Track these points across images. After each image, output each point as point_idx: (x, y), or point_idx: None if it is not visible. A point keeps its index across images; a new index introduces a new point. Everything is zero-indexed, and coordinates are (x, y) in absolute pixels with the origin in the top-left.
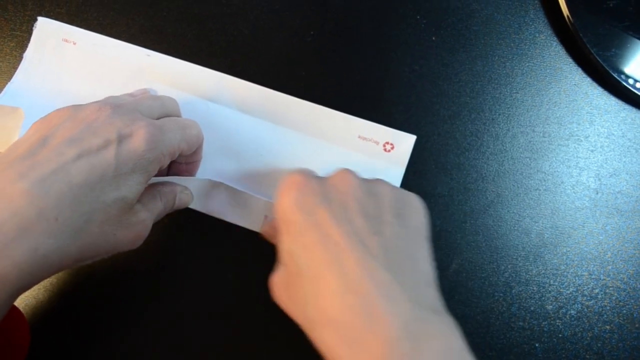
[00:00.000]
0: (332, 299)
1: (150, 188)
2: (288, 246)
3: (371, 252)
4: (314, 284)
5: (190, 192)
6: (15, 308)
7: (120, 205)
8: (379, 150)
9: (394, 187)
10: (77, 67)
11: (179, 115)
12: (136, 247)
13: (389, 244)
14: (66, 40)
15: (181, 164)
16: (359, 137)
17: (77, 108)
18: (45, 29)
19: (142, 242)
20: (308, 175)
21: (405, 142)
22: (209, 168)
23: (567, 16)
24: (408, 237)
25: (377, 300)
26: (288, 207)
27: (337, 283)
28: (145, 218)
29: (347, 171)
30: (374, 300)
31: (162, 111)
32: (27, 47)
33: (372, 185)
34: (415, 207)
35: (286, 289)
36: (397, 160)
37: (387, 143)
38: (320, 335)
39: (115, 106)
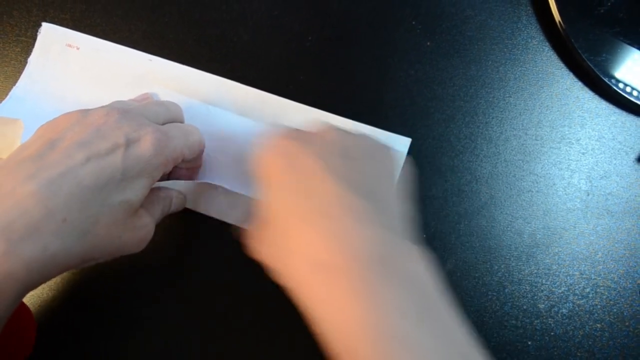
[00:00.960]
0: (305, 226)
1: (150, 193)
2: (271, 195)
3: (346, 184)
4: (288, 218)
5: (184, 196)
6: (22, 304)
7: (126, 208)
8: None
9: (373, 140)
10: (80, 72)
11: (182, 121)
12: (140, 250)
13: (364, 181)
14: (70, 46)
15: (182, 169)
16: None
17: (84, 112)
18: (50, 34)
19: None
20: (287, 128)
21: (400, 144)
22: (209, 170)
23: (559, 22)
24: (383, 181)
25: (351, 224)
26: (258, 154)
27: (311, 210)
28: (149, 222)
29: (329, 124)
30: (348, 223)
31: (166, 117)
32: (31, 52)
33: (352, 135)
34: (392, 157)
35: (261, 238)
36: None
37: None
38: (293, 266)
39: (122, 111)
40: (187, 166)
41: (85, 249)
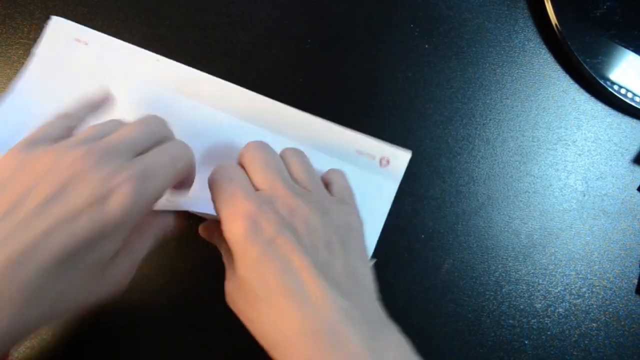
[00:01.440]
0: (296, 325)
1: (138, 227)
2: (243, 273)
3: (330, 282)
4: (274, 309)
5: (173, 220)
6: None
7: (100, 266)
8: (375, 165)
9: (340, 205)
10: (87, 67)
11: (170, 137)
12: (122, 292)
13: (340, 273)
14: (78, 40)
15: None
16: (357, 151)
17: (53, 157)
18: (58, 27)
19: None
20: (256, 198)
21: (401, 158)
22: (206, 175)
23: (556, 25)
24: (354, 262)
25: (341, 326)
26: (240, 237)
27: (302, 312)
28: (127, 267)
29: (294, 195)
30: (339, 326)
31: (150, 140)
32: (38, 45)
33: (323, 209)
34: (355, 230)
35: (242, 302)
36: (391, 175)
37: (383, 158)
38: (284, 357)
39: (96, 154)
40: (175, 193)
41: (58, 312)
